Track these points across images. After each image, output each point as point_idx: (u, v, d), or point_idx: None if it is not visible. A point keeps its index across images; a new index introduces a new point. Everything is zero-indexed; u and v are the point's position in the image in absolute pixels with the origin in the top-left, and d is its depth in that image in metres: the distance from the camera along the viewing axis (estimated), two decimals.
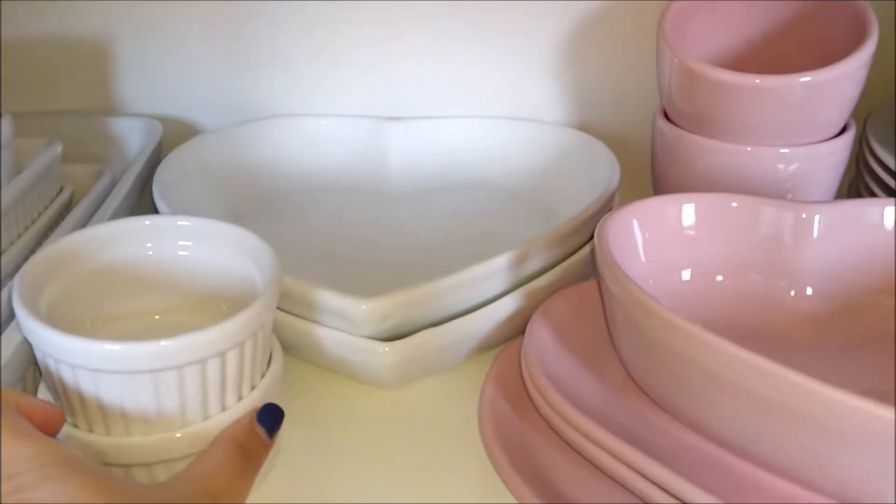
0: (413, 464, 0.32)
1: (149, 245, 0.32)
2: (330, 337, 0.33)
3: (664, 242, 0.34)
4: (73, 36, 0.51)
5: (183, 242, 0.33)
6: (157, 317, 0.33)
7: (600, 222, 0.31)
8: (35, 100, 0.52)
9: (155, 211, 0.41)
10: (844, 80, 0.39)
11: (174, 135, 0.52)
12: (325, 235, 0.45)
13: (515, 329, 0.36)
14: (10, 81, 0.40)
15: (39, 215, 0.40)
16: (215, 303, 0.33)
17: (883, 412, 0.21)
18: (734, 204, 0.34)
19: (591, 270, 0.40)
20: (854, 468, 0.23)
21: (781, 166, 0.41)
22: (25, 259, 0.37)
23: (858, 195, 0.45)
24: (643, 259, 0.33)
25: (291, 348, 0.36)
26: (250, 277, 0.31)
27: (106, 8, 0.50)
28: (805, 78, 0.38)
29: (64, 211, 0.42)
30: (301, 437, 0.33)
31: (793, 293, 0.34)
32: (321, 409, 0.35)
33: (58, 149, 0.42)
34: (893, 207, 0.34)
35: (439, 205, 0.49)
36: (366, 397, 0.35)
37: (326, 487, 0.31)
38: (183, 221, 0.33)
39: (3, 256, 0.36)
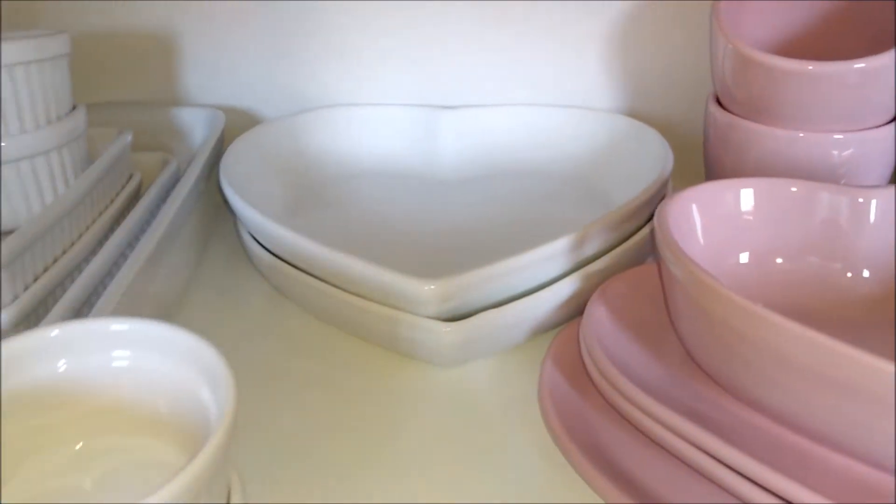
0: (473, 441, 0.33)
1: (66, 360, 0.26)
2: (392, 316, 0.35)
3: (722, 226, 0.34)
4: (141, 30, 0.53)
5: (119, 352, 0.27)
6: (78, 446, 0.26)
7: (660, 206, 0.32)
8: (104, 91, 0.54)
9: (222, 194, 0.42)
10: None
11: (234, 124, 0.53)
12: (380, 220, 0.47)
13: (572, 312, 0.37)
14: (80, 74, 0.41)
15: (112, 201, 0.42)
16: (155, 423, 0.27)
17: None
18: (793, 189, 0.35)
19: (646, 254, 0.41)
20: None
21: (835, 152, 0.41)
22: (99, 245, 0.38)
23: None
24: (701, 242, 0.34)
25: (348, 326, 0.38)
26: (200, 397, 0.25)
27: (171, 4, 0.52)
28: (859, 64, 0.39)
29: (133, 198, 0.43)
30: (360, 415, 0.34)
31: (849, 275, 0.35)
32: (379, 387, 0.36)
33: (128, 138, 0.43)
34: None
35: (490, 191, 0.50)
36: (423, 376, 0.36)
37: (387, 465, 0.31)
38: (118, 325, 0.26)
39: (76, 244, 0.37)
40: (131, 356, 0.27)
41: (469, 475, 0.31)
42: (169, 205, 0.40)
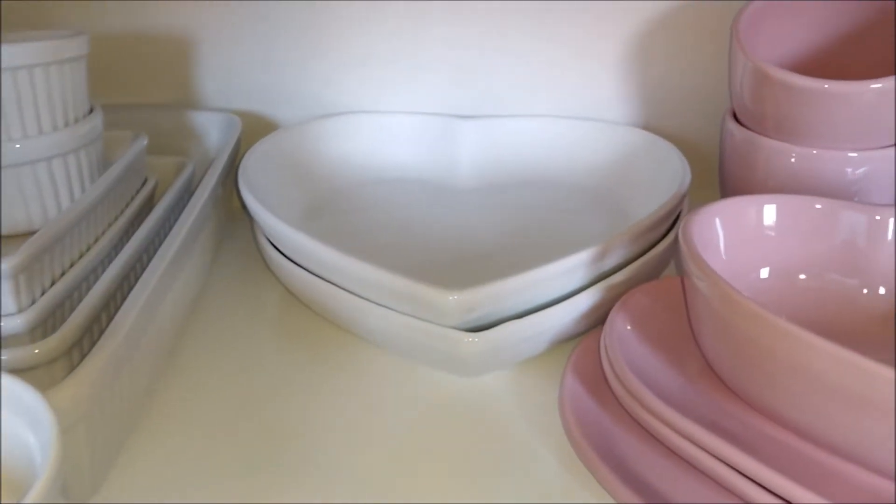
0: (495, 451, 0.33)
1: None
2: (414, 326, 0.35)
3: (744, 241, 0.35)
4: (157, 33, 0.53)
5: None
6: None
7: (685, 221, 0.32)
8: (120, 93, 0.54)
9: (239, 198, 0.42)
10: None
11: (251, 129, 0.54)
12: (398, 228, 0.47)
13: (592, 323, 0.37)
14: (96, 75, 0.41)
15: (127, 205, 0.41)
16: None
17: None
18: (817, 206, 0.35)
19: (665, 266, 0.41)
20: None
21: (850, 169, 0.41)
22: (115, 249, 0.38)
23: None
24: (724, 257, 0.34)
25: (368, 334, 0.38)
26: (25, 443, 0.24)
27: (189, 6, 0.52)
28: (876, 84, 0.39)
29: (149, 202, 0.43)
30: (380, 424, 0.34)
31: (866, 291, 0.35)
32: (399, 396, 0.36)
33: (144, 141, 0.43)
34: None
35: (508, 201, 0.50)
36: (443, 386, 0.37)
37: (409, 473, 0.32)
38: None
39: (93, 249, 0.37)
40: None
41: (490, 484, 0.31)
42: (187, 212, 0.40)
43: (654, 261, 0.39)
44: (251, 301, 0.43)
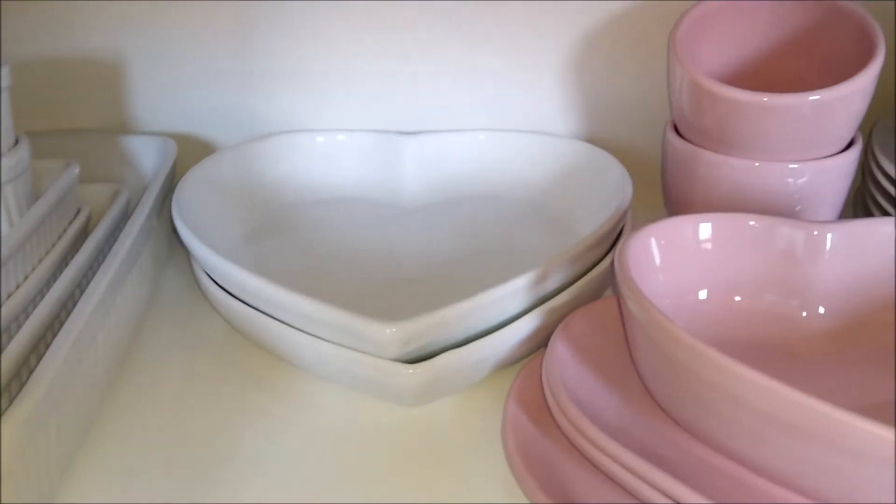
0: (436, 480, 0.32)
1: None
2: (351, 358, 0.34)
3: (681, 262, 0.35)
4: (85, 56, 0.51)
5: None
6: None
7: (620, 245, 0.32)
8: (47, 119, 0.53)
9: (172, 229, 0.41)
10: (853, 96, 0.39)
11: (187, 151, 0.52)
12: (341, 250, 0.46)
13: (535, 346, 0.37)
14: (22, 102, 0.40)
15: (59, 237, 0.40)
16: None
17: (886, 433, 0.22)
18: (752, 223, 0.35)
19: (607, 285, 0.41)
20: (868, 486, 0.24)
21: (791, 180, 0.42)
22: (47, 285, 0.37)
23: (864, 204, 0.46)
24: (661, 278, 0.34)
25: (308, 366, 0.37)
26: None
27: (118, 26, 0.50)
28: (814, 96, 0.39)
29: (82, 233, 0.42)
30: (321, 455, 0.34)
31: (804, 314, 0.35)
32: (341, 426, 0.35)
33: (75, 171, 0.42)
34: None
35: (452, 217, 0.49)
36: (384, 415, 0.36)
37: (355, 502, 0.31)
38: None
39: (26, 282, 0.36)
40: None
41: None
42: (120, 242, 0.39)
43: (596, 281, 0.38)
44: (193, 332, 0.42)
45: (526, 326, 0.35)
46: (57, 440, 0.31)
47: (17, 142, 0.39)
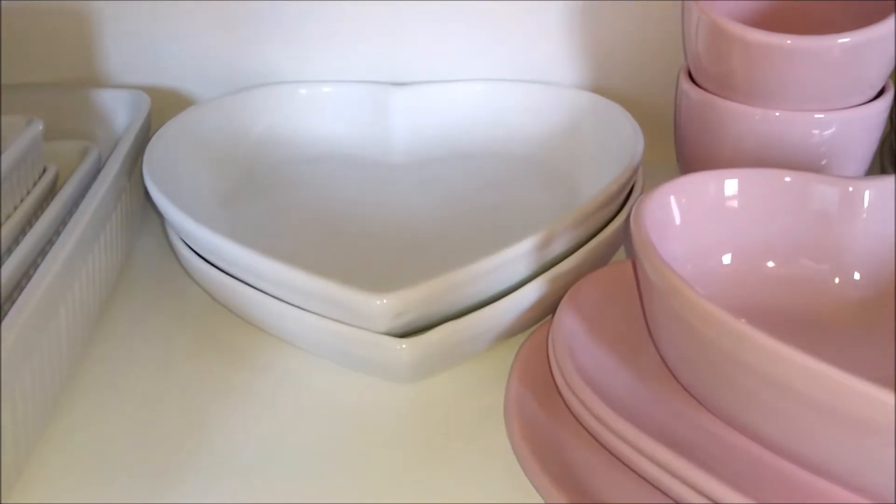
0: (434, 459, 0.30)
1: None
2: (338, 332, 0.31)
3: (704, 224, 0.31)
4: (52, 5, 0.48)
5: None
6: None
7: (636, 204, 0.29)
8: (12, 73, 0.49)
9: (146, 191, 0.38)
10: (887, 39, 0.36)
11: (164, 106, 0.49)
12: (328, 210, 0.43)
13: (539, 315, 0.34)
14: None
15: (22, 200, 0.37)
16: None
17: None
18: (787, 179, 0.32)
19: (617, 247, 0.38)
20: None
21: (816, 132, 0.38)
22: (8, 250, 0.34)
23: (893, 157, 0.43)
24: (681, 242, 0.31)
25: (294, 340, 0.34)
26: None
27: None
28: (844, 39, 0.36)
29: (49, 193, 0.39)
30: (309, 434, 0.31)
31: (837, 280, 0.32)
32: (330, 404, 0.33)
33: (39, 126, 0.39)
34: None
35: (446, 175, 0.46)
36: (375, 392, 0.33)
37: (342, 487, 0.29)
38: None
39: None
40: None
41: (429, 496, 0.28)
42: (87, 202, 0.36)
43: (606, 244, 0.36)
44: (169, 303, 0.39)
45: (529, 295, 0.33)
46: (20, 415, 0.28)
47: None
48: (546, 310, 0.34)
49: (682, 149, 0.43)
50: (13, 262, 0.32)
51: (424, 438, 0.31)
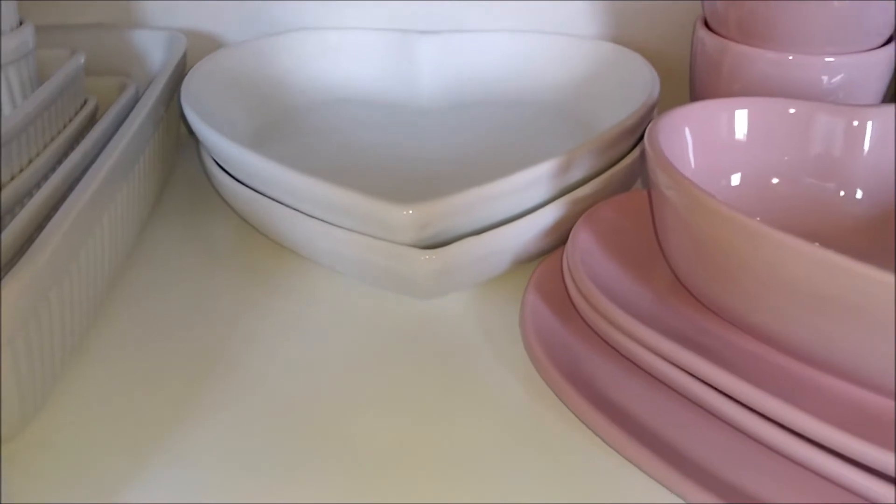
0: (454, 375, 0.31)
1: None
2: (367, 244, 0.32)
3: (714, 147, 0.33)
4: None
5: None
6: None
7: (650, 124, 0.30)
8: (55, 13, 0.51)
9: (185, 122, 0.40)
10: None
11: (197, 48, 0.50)
12: (352, 150, 0.44)
13: (556, 241, 0.36)
14: None
15: (65, 126, 0.39)
16: None
17: None
18: (791, 110, 0.33)
19: (633, 180, 0.39)
20: None
21: (826, 77, 0.39)
22: (52, 169, 0.36)
23: None
24: (693, 164, 0.32)
25: (322, 257, 0.36)
26: None
27: None
28: None
29: (90, 122, 0.41)
30: (330, 352, 0.32)
31: (842, 193, 0.34)
32: (355, 321, 0.34)
33: (81, 59, 0.40)
34: None
35: (471, 120, 0.47)
36: (399, 308, 0.35)
37: (366, 400, 0.30)
38: None
39: (31, 166, 0.35)
40: None
41: (450, 409, 0.30)
42: (125, 128, 0.38)
43: (622, 174, 0.37)
44: (202, 228, 0.41)
45: (548, 216, 0.34)
46: (60, 316, 0.30)
47: (20, 24, 0.37)
48: (563, 236, 0.36)
49: (697, 94, 0.44)
50: (51, 185, 0.34)
51: (444, 353, 0.32)
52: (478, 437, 0.28)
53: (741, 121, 0.33)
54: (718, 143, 0.33)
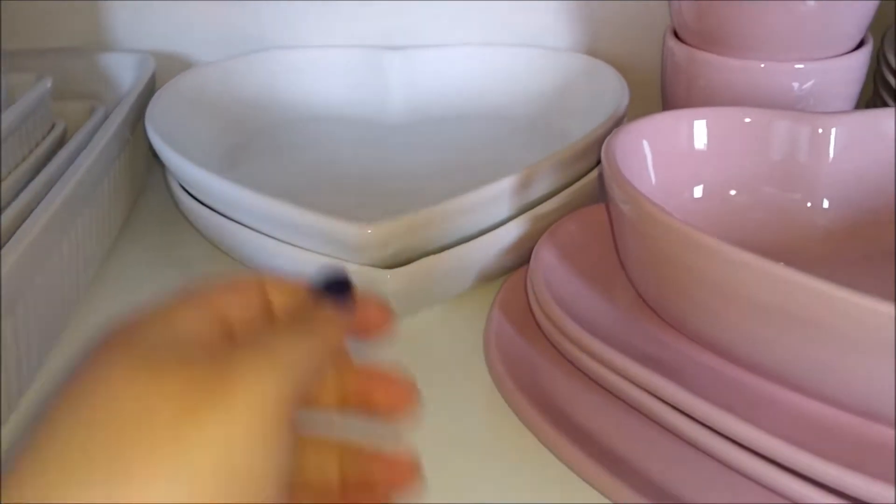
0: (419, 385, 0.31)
1: None
2: (328, 264, 0.32)
3: (675, 159, 0.33)
4: None
5: None
6: None
7: (607, 139, 0.30)
8: (24, 38, 0.51)
9: (149, 146, 0.40)
10: None
11: (167, 70, 0.50)
12: (325, 167, 0.44)
13: (522, 257, 0.35)
14: None
15: (31, 151, 0.39)
16: None
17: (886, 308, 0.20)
18: (747, 119, 0.33)
19: (600, 195, 0.39)
20: (863, 374, 0.23)
21: (796, 84, 0.39)
22: (16, 194, 0.36)
23: None
24: (653, 178, 0.32)
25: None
26: None
27: None
28: None
29: (57, 147, 0.41)
30: None
31: (809, 205, 0.33)
32: None
33: (47, 83, 0.40)
34: None
35: (441, 135, 0.47)
36: None
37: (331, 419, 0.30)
38: None
39: None
40: None
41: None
42: (89, 150, 0.37)
43: (588, 188, 0.37)
44: (170, 252, 0.41)
45: (510, 232, 0.34)
46: (23, 337, 0.30)
47: None
48: (527, 253, 0.35)
49: (669, 105, 0.44)
50: (15, 209, 0.33)
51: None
52: (436, 454, 0.28)
53: (700, 131, 0.33)
54: (677, 155, 0.33)
